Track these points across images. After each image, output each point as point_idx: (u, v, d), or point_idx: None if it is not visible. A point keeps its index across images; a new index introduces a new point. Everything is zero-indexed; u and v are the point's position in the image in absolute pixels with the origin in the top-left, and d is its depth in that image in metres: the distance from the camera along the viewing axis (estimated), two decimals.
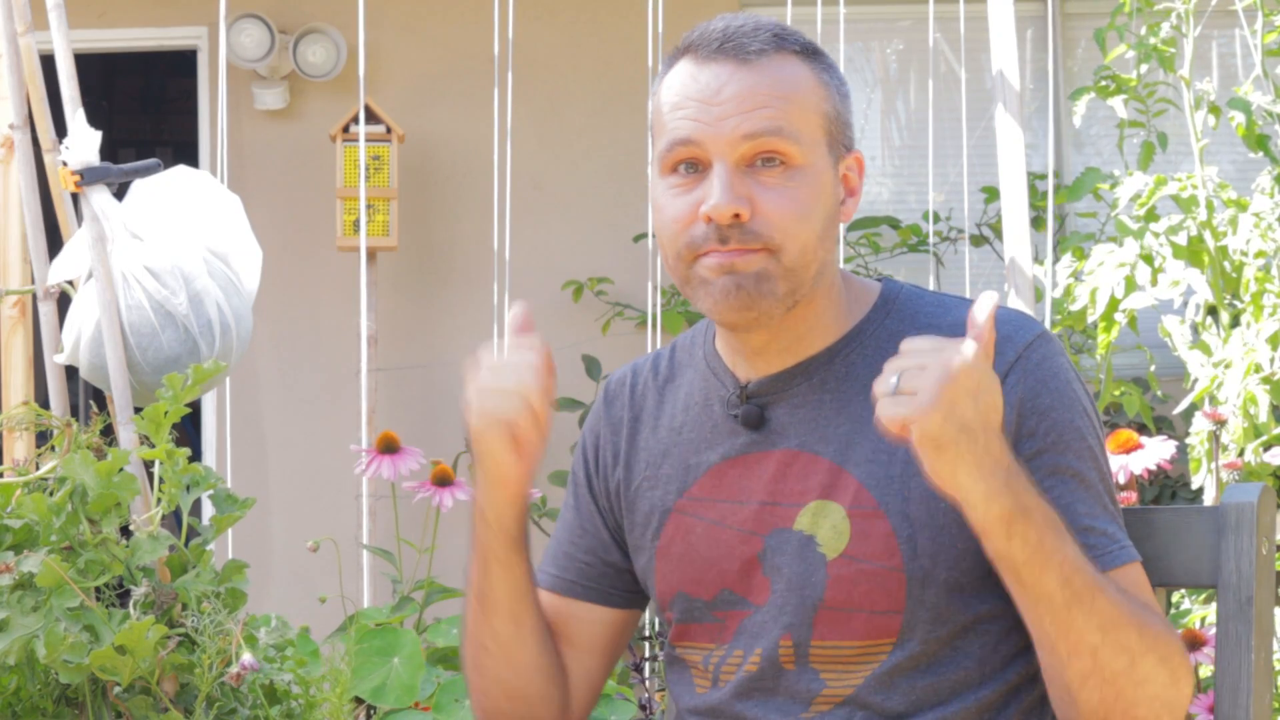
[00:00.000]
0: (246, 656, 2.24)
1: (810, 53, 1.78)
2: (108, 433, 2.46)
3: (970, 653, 1.74)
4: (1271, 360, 3.45)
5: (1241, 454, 3.43)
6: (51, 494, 2.33)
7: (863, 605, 1.73)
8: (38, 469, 2.44)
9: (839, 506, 1.74)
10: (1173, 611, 3.25)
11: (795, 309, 1.76)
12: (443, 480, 3.32)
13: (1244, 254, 3.60)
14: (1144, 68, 3.81)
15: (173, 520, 2.43)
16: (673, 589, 1.84)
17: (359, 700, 3.08)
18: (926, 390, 1.56)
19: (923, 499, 1.72)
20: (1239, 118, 3.70)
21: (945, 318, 1.79)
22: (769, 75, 1.74)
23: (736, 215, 1.71)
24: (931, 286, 5.01)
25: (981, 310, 1.59)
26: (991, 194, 5.39)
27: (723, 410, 1.83)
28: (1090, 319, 3.68)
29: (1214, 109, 3.75)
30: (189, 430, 5.93)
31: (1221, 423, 3.32)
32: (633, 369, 1.94)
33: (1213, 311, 3.71)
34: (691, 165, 1.75)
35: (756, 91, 1.73)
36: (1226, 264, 3.63)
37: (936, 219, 5.41)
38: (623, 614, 1.93)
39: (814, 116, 1.76)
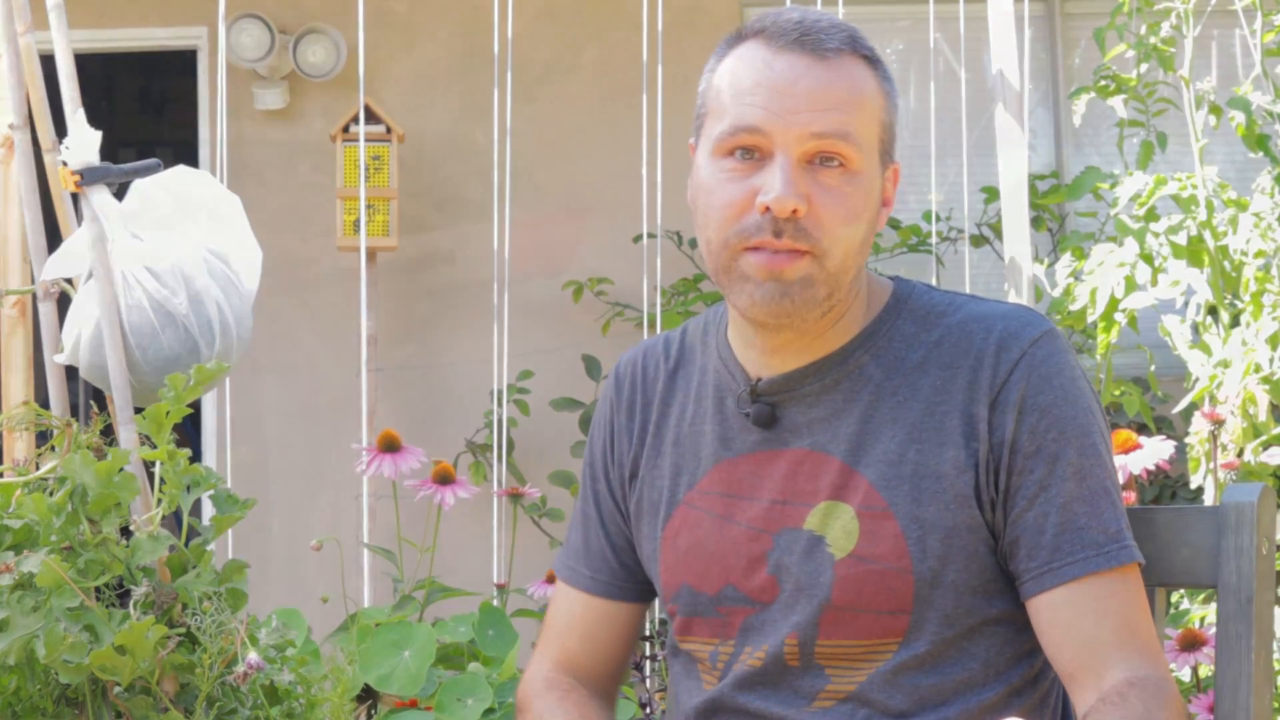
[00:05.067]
0: (252, 655, 2.23)
1: (876, 61, 1.78)
2: (108, 433, 2.46)
3: (976, 654, 1.75)
4: (1271, 360, 3.44)
5: (1241, 454, 3.43)
6: (51, 494, 2.32)
7: (870, 605, 1.73)
8: (38, 469, 2.44)
9: (848, 507, 1.74)
10: (1172, 611, 3.24)
11: (829, 312, 1.77)
12: (443, 479, 3.32)
13: (1244, 254, 3.60)
14: (1144, 67, 3.81)
15: (173, 520, 2.42)
16: (678, 581, 1.84)
17: (360, 700, 3.08)
18: None
19: (934, 500, 1.72)
20: (1239, 117, 3.69)
21: (955, 315, 1.79)
22: (843, 76, 1.73)
23: (795, 210, 1.70)
24: None
25: None
26: (991, 194, 5.39)
27: (735, 406, 1.83)
28: (1090, 319, 3.68)
29: (1214, 109, 3.75)
30: (189, 430, 5.92)
31: (1220, 423, 3.32)
32: (643, 350, 1.94)
33: (1213, 311, 3.71)
34: (749, 152, 1.73)
35: (831, 91, 1.72)
36: (1226, 264, 3.63)
37: (936, 219, 5.40)
38: (645, 608, 1.96)
39: (874, 125, 1.75)
